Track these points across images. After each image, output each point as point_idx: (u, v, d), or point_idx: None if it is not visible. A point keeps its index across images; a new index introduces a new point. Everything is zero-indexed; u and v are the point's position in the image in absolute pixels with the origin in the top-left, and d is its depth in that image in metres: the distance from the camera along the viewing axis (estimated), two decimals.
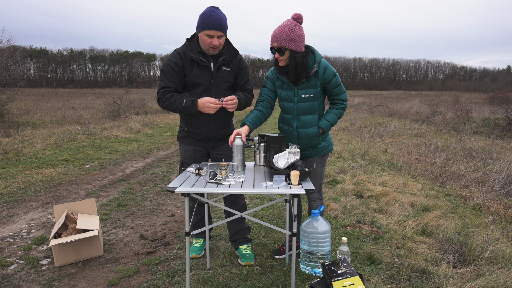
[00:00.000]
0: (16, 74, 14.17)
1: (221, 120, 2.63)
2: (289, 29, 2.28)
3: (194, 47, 2.48)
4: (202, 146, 2.70)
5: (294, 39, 2.29)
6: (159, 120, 13.39)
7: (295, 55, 2.33)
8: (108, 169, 5.87)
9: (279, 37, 2.29)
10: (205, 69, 2.51)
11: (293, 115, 2.53)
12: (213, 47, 2.42)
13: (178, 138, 2.78)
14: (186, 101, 2.42)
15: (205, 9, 2.40)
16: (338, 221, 3.50)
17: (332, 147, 2.70)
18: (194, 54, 2.46)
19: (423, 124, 13.53)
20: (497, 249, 2.71)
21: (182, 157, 2.74)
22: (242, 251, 2.77)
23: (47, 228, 3.41)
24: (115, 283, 2.45)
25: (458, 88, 64.02)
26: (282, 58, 2.37)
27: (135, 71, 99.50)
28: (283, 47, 2.30)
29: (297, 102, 2.49)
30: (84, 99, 25.31)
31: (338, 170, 5.60)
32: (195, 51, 2.47)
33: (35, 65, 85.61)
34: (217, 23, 2.35)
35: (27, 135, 8.69)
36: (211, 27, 2.34)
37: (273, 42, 2.33)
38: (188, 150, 2.69)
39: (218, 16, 2.36)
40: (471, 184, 5.00)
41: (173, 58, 2.48)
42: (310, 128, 2.51)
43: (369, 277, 2.45)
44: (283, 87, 2.52)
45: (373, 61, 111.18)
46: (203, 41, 2.42)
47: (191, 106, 2.42)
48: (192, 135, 2.67)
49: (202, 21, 2.36)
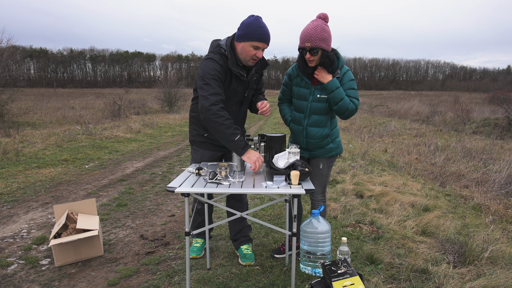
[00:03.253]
0: (16, 74, 14.16)
1: (242, 125, 2.69)
2: (322, 29, 2.27)
3: (235, 60, 2.34)
4: (219, 151, 2.69)
5: (327, 39, 2.29)
6: (159, 120, 13.39)
7: (328, 54, 2.33)
8: (108, 169, 5.87)
9: (313, 37, 2.26)
10: (241, 83, 2.44)
11: (306, 114, 2.52)
12: (256, 59, 2.34)
13: (194, 142, 2.69)
14: (239, 138, 2.19)
15: (250, 18, 2.26)
16: (338, 221, 3.50)
17: (341, 150, 2.66)
18: (235, 68, 2.34)
19: (423, 124, 13.53)
20: (497, 249, 2.71)
21: (197, 162, 2.67)
22: (243, 251, 2.77)
23: (47, 228, 3.41)
24: (115, 283, 2.45)
25: (458, 88, 64.07)
26: (313, 59, 2.34)
27: (135, 71, 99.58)
28: (317, 47, 2.28)
29: (312, 101, 2.48)
30: (84, 99, 25.32)
31: (338, 170, 5.60)
32: (235, 64, 2.34)
33: (35, 65, 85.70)
34: (267, 35, 2.26)
35: (27, 135, 8.69)
36: (261, 39, 2.24)
37: (305, 43, 2.29)
38: (206, 155, 2.66)
39: (267, 28, 2.26)
40: (471, 184, 5.00)
41: (217, 66, 2.29)
42: (320, 128, 2.50)
43: (369, 277, 2.45)
44: (300, 84, 2.52)
45: (373, 61, 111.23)
46: (246, 52, 2.29)
47: (240, 148, 2.21)
48: (212, 141, 2.62)
49: (250, 32, 2.23)
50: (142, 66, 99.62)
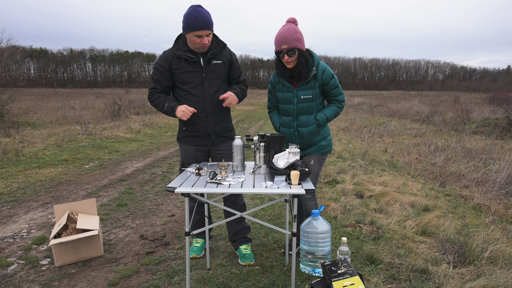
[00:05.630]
0: (16, 74, 14.16)
1: (217, 113, 2.66)
2: (295, 30, 2.39)
3: (181, 46, 2.51)
4: (202, 144, 2.70)
5: (301, 39, 2.41)
6: (159, 120, 13.39)
7: (304, 54, 2.44)
8: (108, 169, 5.87)
9: (288, 38, 2.36)
10: (195, 64, 2.53)
11: (293, 116, 2.61)
12: (204, 45, 2.44)
13: (178, 139, 2.79)
14: (167, 105, 2.54)
15: (188, 9, 2.38)
16: (338, 221, 3.50)
17: (331, 148, 2.77)
18: (181, 52, 2.49)
19: (423, 124, 13.53)
20: (497, 249, 2.71)
21: (182, 157, 2.74)
22: (242, 251, 2.77)
23: (47, 228, 3.41)
24: (115, 283, 2.45)
25: (458, 88, 64.04)
26: (291, 60, 2.42)
27: (135, 71, 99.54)
28: (294, 47, 2.37)
29: (297, 103, 2.57)
30: (84, 99, 25.31)
31: (338, 170, 5.60)
32: (182, 49, 2.50)
33: (35, 65, 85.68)
34: (204, 23, 2.35)
35: (27, 135, 8.68)
36: (198, 27, 2.34)
37: (282, 45, 2.38)
38: (189, 149, 2.70)
39: (204, 15, 2.35)
40: (471, 184, 4.99)
41: (159, 60, 2.56)
42: (309, 126, 2.59)
43: (369, 277, 2.45)
44: (283, 89, 2.60)
45: (373, 61, 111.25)
46: (192, 42, 2.43)
47: (170, 112, 2.53)
48: (192, 133, 2.67)
49: (189, 23, 2.35)
50: (142, 66, 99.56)
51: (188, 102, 2.58)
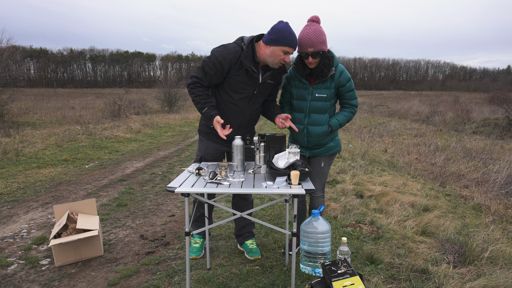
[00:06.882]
0: (16, 74, 14.17)
1: (250, 125, 2.70)
2: (321, 32, 2.36)
3: (250, 55, 2.39)
4: (224, 145, 2.70)
5: (325, 41, 2.40)
6: (159, 120, 13.39)
7: (327, 55, 2.43)
8: (108, 169, 5.87)
9: (315, 42, 2.33)
10: (253, 79, 2.47)
11: (306, 113, 2.60)
12: (283, 63, 2.41)
13: (201, 132, 2.74)
14: (207, 110, 2.41)
15: (280, 23, 2.31)
16: (338, 221, 3.50)
17: (340, 148, 2.77)
18: (248, 62, 2.38)
19: (423, 124, 13.53)
20: (497, 249, 2.71)
21: (202, 152, 2.70)
22: (248, 246, 2.79)
23: (47, 228, 3.41)
24: (115, 283, 2.45)
25: (458, 88, 64.01)
26: (315, 61, 2.41)
27: (135, 71, 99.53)
28: (320, 50, 2.35)
29: (311, 101, 2.56)
30: (84, 99, 25.32)
31: (338, 170, 5.60)
32: (250, 59, 2.39)
33: (35, 65, 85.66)
34: (296, 42, 2.33)
35: (27, 135, 8.68)
36: (291, 44, 2.30)
37: (308, 48, 2.35)
38: (211, 147, 2.69)
39: (295, 35, 2.33)
40: (471, 184, 5.00)
41: (221, 57, 2.37)
42: (320, 127, 2.58)
43: (369, 277, 2.45)
44: (299, 86, 2.59)
45: (373, 61, 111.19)
46: (275, 56, 2.34)
47: (207, 119, 2.43)
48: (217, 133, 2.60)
49: (282, 37, 2.28)
50: (142, 66, 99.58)
51: (228, 109, 2.54)
